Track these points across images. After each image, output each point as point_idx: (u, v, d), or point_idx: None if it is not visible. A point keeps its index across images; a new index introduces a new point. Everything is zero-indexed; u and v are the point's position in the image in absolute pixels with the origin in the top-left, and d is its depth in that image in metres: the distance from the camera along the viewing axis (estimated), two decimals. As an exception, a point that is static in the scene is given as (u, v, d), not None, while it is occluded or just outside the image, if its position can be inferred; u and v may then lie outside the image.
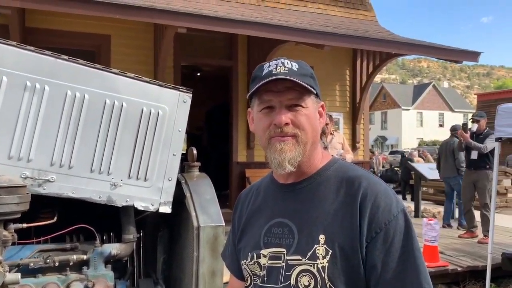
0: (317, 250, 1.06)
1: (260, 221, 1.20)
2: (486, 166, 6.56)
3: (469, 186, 6.83)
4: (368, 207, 1.06)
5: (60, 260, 2.11)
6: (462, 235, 6.95)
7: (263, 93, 1.13)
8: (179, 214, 2.34)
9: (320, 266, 1.05)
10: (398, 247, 1.05)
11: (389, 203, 1.08)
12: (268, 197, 1.23)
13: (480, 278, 5.21)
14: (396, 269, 1.03)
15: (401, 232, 1.06)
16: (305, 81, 1.12)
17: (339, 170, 1.17)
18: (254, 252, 1.17)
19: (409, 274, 1.03)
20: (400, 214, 1.08)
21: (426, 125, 56.18)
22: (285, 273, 1.09)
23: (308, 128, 1.12)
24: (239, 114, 8.12)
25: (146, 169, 2.19)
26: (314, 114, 1.15)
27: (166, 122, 2.22)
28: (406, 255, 1.05)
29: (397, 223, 1.06)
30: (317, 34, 6.68)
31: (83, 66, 2.13)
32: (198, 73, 10.50)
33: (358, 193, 1.09)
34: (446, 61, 8.29)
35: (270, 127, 1.12)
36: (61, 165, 2.05)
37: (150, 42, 7.31)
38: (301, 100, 1.12)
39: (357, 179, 1.12)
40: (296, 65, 1.14)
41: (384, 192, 1.10)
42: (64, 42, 6.68)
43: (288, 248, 1.11)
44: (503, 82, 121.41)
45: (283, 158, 1.10)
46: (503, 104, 4.47)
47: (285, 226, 1.13)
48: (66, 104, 2.07)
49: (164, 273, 2.51)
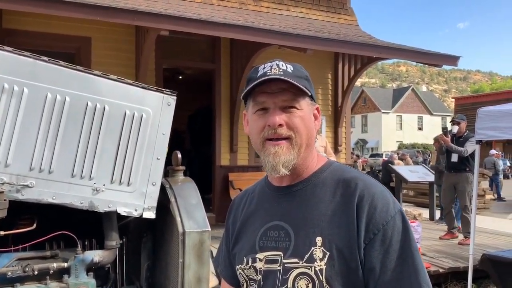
0: (314, 253, 1.05)
1: (255, 225, 1.18)
2: (466, 169, 6.67)
3: (450, 189, 6.93)
4: (365, 208, 1.05)
5: (39, 269, 2.04)
6: (443, 236, 7.04)
7: (257, 95, 1.12)
8: (164, 220, 2.29)
9: (318, 268, 1.04)
10: (396, 248, 1.04)
11: (386, 204, 1.07)
12: (263, 201, 1.21)
13: (461, 279, 5.28)
14: (395, 270, 1.03)
15: (398, 232, 1.05)
16: (300, 83, 1.10)
17: (335, 172, 1.16)
18: (249, 256, 1.15)
19: (408, 275, 1.03)
20: (398, 215, 1.07)
21: (405, 128, 57.03)
22: (282, 276, 1.08)
23: (302, 130, 1.10)
24: (222, 118, 8.08)
25: (129, 174, 2.13)
26: (309, 116, 1.13)
27: (149, 125, 2.17)
28: (405, 255, 1.04)
29: (395, 223, 1.05)
30: (299, 38, 6.70)
31: (64, 68, 2.07)
32: (180, 76, 10.42)
33: (355, 194, 1.07)
34: (427, 65, 8.41)
35: (264, 128, 1.11)
36: (40, 170, 1.99)
37: (131, 44, 7.22)
38: (296, 101, 1.10)
39: (353, 181, 1.11)
40: (291, 67, 1.13)
41: (380, 193, 1.09)
42: (43, 44, 6.54)
43: (285, 251, 1.09)
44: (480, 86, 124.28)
45: (277, 161, 1.09)
46: (483, 108, 4.54)
47: (281, 229, 1.12)
48: (46, 107, 2.01)
49: (148, 280, 2.45)
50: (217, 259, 1.38)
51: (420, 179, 10.00)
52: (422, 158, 23.15)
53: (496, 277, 4.35)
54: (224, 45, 8.03)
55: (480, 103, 16.53)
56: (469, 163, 6.62)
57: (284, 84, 1.09)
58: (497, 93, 38.70)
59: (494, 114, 4.36)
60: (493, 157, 16.84)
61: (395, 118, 57.12)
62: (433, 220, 9.14)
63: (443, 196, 7.23)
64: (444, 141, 6.67)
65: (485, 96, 36.87)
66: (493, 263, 4.37)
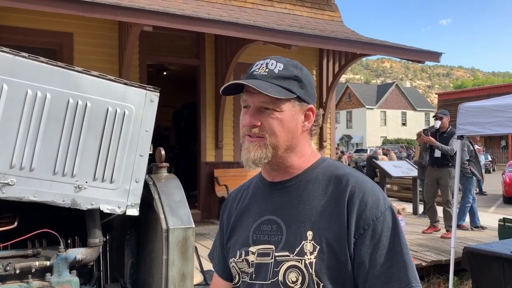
0: (305, 246, 1.07)
1: (249, 219, 1.21)
2: (449, 164, 6.76)
3: (432, 183, 7.02)
4: (356, 204, 1.08)
5: (21, 267, 2.01)
6: (425, 231, 7.15)
7: (244, 92, 1.15)
8: (147, 217, 2.28)
9: (308, 262, 1.06)
10: (386, 243, 1.07)
11: (376, 200, 1.10)
12: (257, 196, 1.24)
13: (443, 272, 5.37)
14: (384, 265, 1.05)
15: (388, 228, 1.08)
16: (283, 84, 1.12)
17: (327, 169, 1.18)
18: (242, 249, 1.18)
19: (397, 270, 1.05)
20: (388, 210, 1.10)
21: (389, 124, 57.62)
22: (274, 269, 1.11)
23: (278, 132, 1.12)
24: (207, 114, 8.06)
25: (112, 171, 2.12)
26: (290, 118, 1.14)
27: (132, 122, 2.15)
28: (394, 251, 1.07)
29: (385, 219, 1.08)
30: (284, 34, 6.70)
31: (45, 64, 2.04)
32: (164, 72, 10.34)
33: (346, 190, 1.10)
34: (410, 61, 8.51)
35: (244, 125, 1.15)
36: (21, 167, 1.96)
37: (114, 40, 7.14)
38: (274, 104, 1.12)
39: (345, 177, 1.14)
40: (281, 66, 1.15)
41: (371, 189, 1.12)
42: (23, 39, 6.42)
43: (277, 245, 1.12)
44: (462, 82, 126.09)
45: (248, 157, 1.13)
46: (464, 103, 4.61)
47: (273, 223, 1.15)
48: (26, 103, 1.98)
49: (132, 277, 2.44)
50: (212, 253, 1.41)
51: (404, 174, 10.14)
52: (406, 153, 23.43)
53: (477, 270, 4.44)
54: (209, 41, 8.00)
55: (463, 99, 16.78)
56: (451, 158, 6.72)
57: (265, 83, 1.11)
58: (479, 89, 39.35)
59: (475, 109, 4.44)
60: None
61: (379, 114, 57.65)
62: (416, 214, 9.28)
63: (425, 190, 7.33)
64: (431, 142, 6.72)
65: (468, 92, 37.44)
66: (474, 256, 4.46)
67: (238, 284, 1.20)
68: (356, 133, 56.56)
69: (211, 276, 3.08)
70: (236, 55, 7.29)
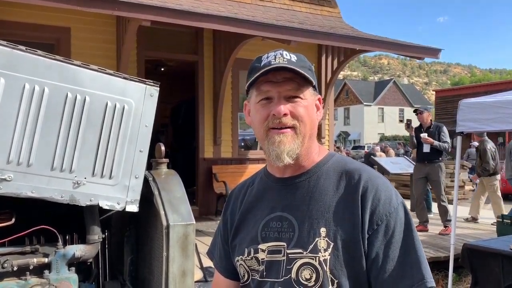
0: (319, 243, 1.06)
1: (257, 216, 1.18)
2: (439, 159, 6.74)
3: (422, 179, 6.94)
4: (370, 199, 1.07)
5: (19, 264, 1.98)
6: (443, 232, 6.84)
7: (261, 84, 1.11)
8: (147, 213, 2.25)
9: (322, 259, 1.05)
10: (399, 238, 1.06)
11: (389, 195, 1.09)
12: (265, 192, 1.21)
13: (442, 269, 5.37)
14: (397, 260, 1.05)
15: (401, 224, 1.08)
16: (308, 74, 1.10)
17: (338, 164, 1.17)
18: (251, 247, 1.15)
19: (409, 266, 1.05)
20: (400, 206, 1.10)
21: (387, 121, 57.68)
22: (286, 267, 1.09)
23: (306, 119, 1.11)
24: (205, 110, 8.02)
25: (111, 167, 2.08)
26: (312, 106, 1.14)
27: (132, 117, 2.12)
28: (407, 246, 1.06)
29: (398, 215, 1.08)
30: (283, 30, 6.66)
31: (43, 58, 2.00)
32: (162, 68, 10.28)
33: (359, 185, 1.09)
34: (409, 57, 8.48)
35: (268, 118, 1.10)
36: (19, 163, 1.92)
37: (112, 35, 7.08)
38: (300, 91, 1.10)
39: (357, 172, 1.12)
40: (295, 57, 1.13)
41: (384, 185, 1.11)
42: (21, 34, 6.35)
43: (289, 242, 1.10)
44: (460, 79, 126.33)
45: (282, 150, 1.09)
46: (465, 99, 4.59)
47: (284, 220, 1.12)
48: (24, 98, 1.94)
49: (131, 274, 2.41)
50: (211, 251, 1.37)
51: (401, 171, 10.13)
52: (404, 150, 23.45)
53: (476, 266, 4.43)
54: (207, 37, 7.95)
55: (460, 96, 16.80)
56: (441, 154, 6.71)
57: (288, 73, 1.08)
58: (476, 86, 39.36)
59: (476, 106, 4.42)
60: (473, 148, 17.14)
61: (377, 111, 57.69)
62: (414, 211, 9.27)
63: (415, 187, 7.20)
64: (428, 142, 6.63)
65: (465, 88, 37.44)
66: (473, 253, 4.45)
67: (247, 282, 1.18)
68: (353, 130, 56.60)
69: (210, 273, 3.06)
70: (234, 50, 7.24)
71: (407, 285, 1.04)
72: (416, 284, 1.04)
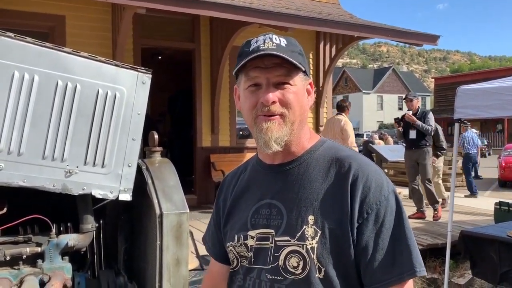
0: (306, 231, 1.05)
1: (247, 203, 1.17)
2: (426, 144, 6.78)
3: (413, 166, 6.95)
4: (360, 188, 1.05)
5: (11, 254, 1.96)
6: (412, 216, 6.84)
7: (250, 70, 1.08)
8: (141, 202, 2.24)
9: (309, 247, 1.04)
10: (389, 227, 1.04)
11: (380, 183, 1.07)
12: (255, 179, 1.20)
13: (439, 256, 5.39)
14: (387, 249, 1.03)
15: (391, 212, 1.05)
16: (294, 58, 1.07)
17: (328, 151, 1.14)
18: (241, 233, 1.15)
19: (399, 255, 1.03)
20: (391, 194, 1.07)
21: (386, 108, 57.57)
22: (274, 254, 1.08)
23: (296, 106, 1.09)
24: (203, 98, 7.97)
25: (103, 155, 2.06)
26: (302, 92, 1.12)
27: (124, 104, 2.09)
28: (397, 235, 1.04)
29: (388, 203, 1.06)
30: (281, 16, 6.60)
31: (32, 45, 1.96)
32: (159, 56, 10.21)
33: (349, 173, 1.07)
34: (407, 44, 8.42)
35: (257, 105, 1.08)
36: (9, 152, 1.90)
37: (108, 23, 7.01)
38: (289, 77, 1.08)
39: (347, 160, 1.10)
40: (285, 41, 1.10)
41: (374, 172, 1.08)
42: (14, 22, 6.28)
43: (277, 229, 1.09)
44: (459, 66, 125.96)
45: (269, 137, 1.07)
46: (462, 86, 4.55)
47: (273, 207, 1.12)
48: (13, 86, 1.91)
49: (126, 263, 2.41)
50: (205, 237, 1.38)
51: (400, 159, 10.10)
52: (402, 138, 23.41)
53: (473, 253, 4.44)
54: (204, 24, 7.87)
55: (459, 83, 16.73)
56: (427, 139, 6.77)
57: (277, 59, 1.06)
58: (475, 73, 39.27)
59: (473, 92, 4.38)
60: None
61: (376, 98, 57.56)
62: (412, 198, 9.28)
63: (408, 174, 7.22)
64: (411, 120, 6.71)
65: (464, 76, 37.40)
66: (471, 240, 4.46)
67: (236, 268, 1.18)
68: (352, 117, 56.24)
69: (206, 261, 3.06)
70: (231, 38, 7.18)
71: (397, 273, 1.03)
72: (406, 272, 1.03)
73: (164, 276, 2.03)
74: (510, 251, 4.08)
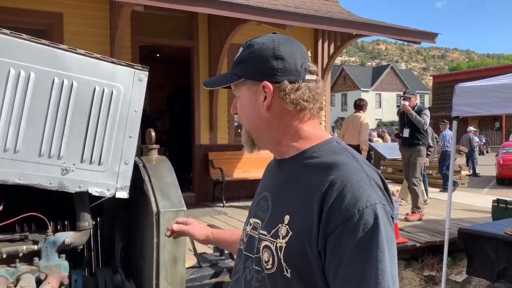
0: (280, 229, 1.05)
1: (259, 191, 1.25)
2: (419, 143, 6.75)
3: (408, 164, 6.91)
4: (333, 197, 0.97)
5: (8, 252, 1.96)
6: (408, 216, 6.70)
7: None
8: (138, 199, 2.23)
9: (278, 245, 1.04)
10: (358, 244, 0.93)
11: (357, 195, 0.96)
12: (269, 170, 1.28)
13: (437, 253, 5.40)
14: (355, 269, 0.94)
15: (365, 229, 0.94)
16: (234, 71, 1.14)
17: (325, 153, 1.08)
18: (249, 219, 1.22)
19: (368, 275, 0.93)
20: (368, 209, 0.95)
21: (384, 106, 57.58)
22: (257, 245, 1.12)
23: (243, 116, 1.17)
24: (201, 96, 7.96)
25: (100, 153, 2.05)
26: (248, 100, 1.14)
27: (120, 102, 2.08)
28: (369, 254, 0.94)
29: (362, 218, 0.94)
30: (279, 14, 6.58)
31: (28, 42, 1.95)
32: (157, 54, 10.18)
33: (327, 180, 1.00)
34: (406, 41, 8.41)
35: None
36: (5, 149, 1.89)
37: (105, 20, 6.98)
38: (237, 89, 1.16)
39: (335, 165, 1.02)
40: (240, 50, 1.16)
41: (357, 182, 0.98)
42: (12, 20, 6.26)
43: (262, 222, 1.13)
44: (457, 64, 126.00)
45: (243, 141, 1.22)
46: (460, 84, 4.55)
47: (266, 200, 1.16)
48: (9, 83, 1.90)
49: (123, 261, 2.40)
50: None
51: (398, 156, 10.11)
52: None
53: (471, 250, 4.45)
54: (202, 22, 7.85)
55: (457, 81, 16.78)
56: (420, 137, 6.72)
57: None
58: (473, 71, 39.30)
59: (471, 90, 4.38)
60: (469, 133, 17.17)
61: (374, 96, 57.54)
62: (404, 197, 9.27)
63: (405, 173, 7.23)
64: (406, 109, 6.71)
65: (462, 74, 37.38)
66: (468, 237, 4.47)
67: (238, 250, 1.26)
68: (351, 115, 56.45)
69: (204, 259, 3.05)
70: (229, 35, 7.16)
71: None
72: None
73: (161, 274, 2.03)
74: (507, 248, 4.09)
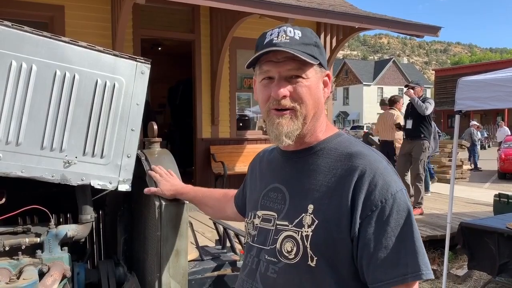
0: (304, 219, 1.07)
1: (262, 184, 1.24)
2: (421, 136, 6.63)
3: (405, 156, 6.86)
4: (365, 184, 1.04)
5: (10, 244, 1.96)
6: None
7: (263, 63, 1.11)
8: (140, 192, 2.23)
9: (304, 234, 1.05)
10: (394, 226, 1.02)
11: (387, 181, 1.05)
12: (273, 163, 1.26)
13: (438, 247, 5.41)
14: (392, 249, 1.01)
15: (398, 211, 1.03)
16: (307, 51, 1.08)
17: (341, 144, 1.14)
18: (252, 212, 1.22)
19: (405, 255, 1.01)
20: (399, 193, 1.05)
21: (386, 101, 57.43)
22: (274, 236, 1.12)
23: (308, 100, 1.10)
24: (203, 90, 7.95)
25: (102, 145, 2.05)
26: (316, 85, 1.12)
27: (123, 94, 2.07)
28: (404, 235, 1.02)
29: (395, 202, 1.03)
30: (281, 7, 6.55)
31: (30, 34, 1.94)
32: (159, 47, 10.16)
33: (356, 169, 1.06)
34: (408, 35, 8.37)
35: (269, 99, 1.11)
36: (7, 142, 1.89)
37: (107, 13, 6.96)
38: (301, 71, 1.09)
39: (359, 155, 1.09)
40: (300, 33, 1.10)
41: (384, 169, 1.07)
42: (13, 12, 6.25)
43: (279, 213, 1.13)
44: (460, 58, 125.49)
45: (280, 131, 1.10)
46: (463, 78, 4.53)
47: (279, 192, 1.15)
48: (11, 75, 1.89)
49: (125, 254, 2.41)
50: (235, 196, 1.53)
51: (399, 151, 10.10)
52: (403, 130, 23.39)
53: (472, 244, 4.45)
54: (204, 15, 7.82)
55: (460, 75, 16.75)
56: (424, 130, 6.61)
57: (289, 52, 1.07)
58: (476, 65, 39.16)
59: (474, 84, 4.36)
60: (471, 128, 17.15)
61: (376, 90, 57.46)
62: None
63: (397, 163, 7.10)
64: (409, 94, 6.66)
65: (465, 68, 37.26)
66: (470, 231, 4.47)
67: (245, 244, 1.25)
68: (352, 109, 56.46)
69: (206, 252, 3.06)
70: (231, 29, 7.14)
71: (400, 273, 1.00)
72: (411, 274, 1.00)
73: (163, 266, 2.03)
74: (509, 242, 4.09)
